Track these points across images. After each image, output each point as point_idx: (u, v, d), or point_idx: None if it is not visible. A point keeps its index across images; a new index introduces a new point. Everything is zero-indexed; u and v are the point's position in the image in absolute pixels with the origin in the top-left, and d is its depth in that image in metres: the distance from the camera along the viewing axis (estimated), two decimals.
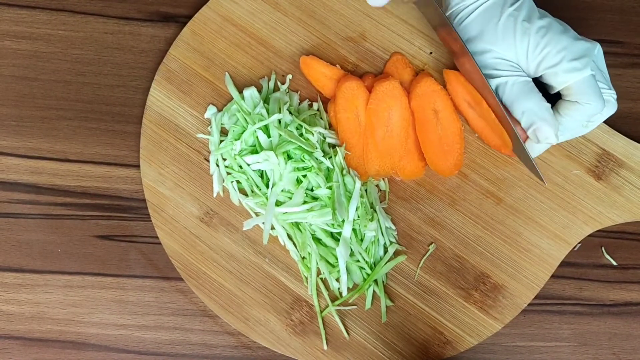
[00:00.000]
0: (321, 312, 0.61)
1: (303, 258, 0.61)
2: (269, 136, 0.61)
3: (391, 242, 0.62)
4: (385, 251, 0.61)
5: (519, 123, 0.58)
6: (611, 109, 0.58)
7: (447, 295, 0.61)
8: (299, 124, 0.61)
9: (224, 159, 0.62)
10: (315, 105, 0.64)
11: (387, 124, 0.61)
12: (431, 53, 0.65)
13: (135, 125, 0.65)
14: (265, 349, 0.62)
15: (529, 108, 0.56)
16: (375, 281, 0.61)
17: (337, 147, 0.62)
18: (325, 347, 0.61)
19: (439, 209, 0.62)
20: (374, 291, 0.61)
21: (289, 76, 0.64)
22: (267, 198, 0.61)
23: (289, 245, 0.61)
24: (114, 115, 0.65)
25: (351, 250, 0.60)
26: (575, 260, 0.63)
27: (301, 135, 0.61)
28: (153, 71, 0.65)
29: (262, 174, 0.62)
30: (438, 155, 0.62)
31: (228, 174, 0.62)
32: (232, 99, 0.64)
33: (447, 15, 0.59)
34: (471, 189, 0.63)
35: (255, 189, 0.61)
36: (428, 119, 0.62)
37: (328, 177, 0.60)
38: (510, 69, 0.57)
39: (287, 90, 0.64)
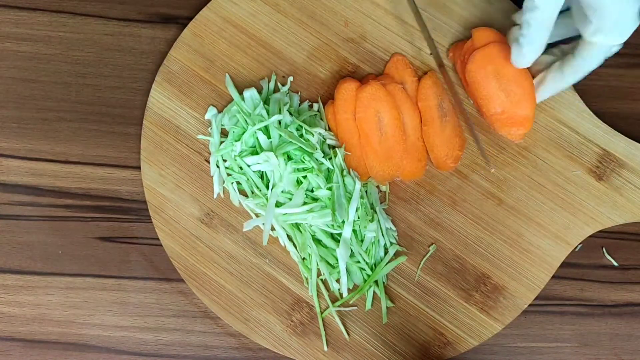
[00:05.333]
0: (321, 313, 0.61)
1: (303, 259, 0.61)
2: (269, 137, 0.61)
3: (391, 243, 0.61)
4: (386, 252, 0.61)
5: None
6: None
7: (447, 296, 0.61)
8: (299, 125, 0.61)
9: (224, 160, 0.62)
10: (315, 107, 0.64)
11: (379, 127, 0.61)
12: (431, 54, 0.64)
13: (136, 126, 0.65)
14: (266, 350, 0.62)
15: None
16: (376, 282, 0.61)
17: (336, 148, 0.62)
18: (325, 348, 0.61)
19: (439, 210, 0.62)
20: (374, 292, 0.61)
21: (290, 78, 0.64)
22: (267, 199, 0.61)
23: (289, 246, 0.61)
24: (114, 116, 0.65)
25: (351, 251, 0.60)
26: (576, 261, 0.63)
27: (301, 136, 0.61)
28: (153, 73, 0.65)
29: (262, 175, 0.62)
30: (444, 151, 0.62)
31: (228, 175, 0.62)
32: (232, 100, 0.64)
33: None
34: (472, 190, 0.63)
35: (255, 190, 0.61)
36: (434, 118, 0.62)
37: (328, 178, 0.60)
38: None
39: (287, 92, 0.64)
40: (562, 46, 0.61)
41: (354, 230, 0.60)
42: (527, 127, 0.62)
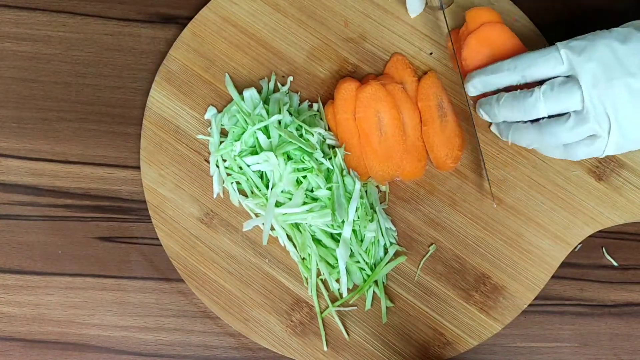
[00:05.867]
0: (321, 313, 0.61)
1: (303, 259, 0.61)
2: (268, 137, 0.61)
3: (391, 243, 0.61)
4: (386, 252, 0.61)
5: None
6: None
7: (447, 296, 0.61)
8: (299, 125, 0.61)
9: (224, 160, 0.62)
10: (315, 106, 0.64)
11: (379, 127, 0.61)
12: (431, 54, 0.64)
13: (136, 126, 0.65)
14: (266, 350, 0.62)
15: None
16: (376, 282, 0.61)
17: (336, 148, 0.61)
18: (325, 348, 0.61)
19: (439, 210, 0.62)
20: (374, 292, 0.61)
21: (290, 78, 0.64)
22: (267, 199, 0.61)
23: (289, 246, 0.61)
24: (114, 116, 0.65)
25: (351, 251, 0.60)
26: (576, 261, 0.63)
27: (301, 136, 0.61)
28: (153, 72, 0.65)
29: (262, 175, 0.62)
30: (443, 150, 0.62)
31: (228, 175, 0.62)
32: (232, 100, 0.64)
33: None
34: (471, 190, 0.63)
35: (255, 189, 0.61)
36: (434, 118, 0.62)
37: (328, 178, 0.60)
38: None
39: (287, 91, 0.64)
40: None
41: (353, 230, 0.60)
42: None
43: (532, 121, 0.57)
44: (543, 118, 0.56)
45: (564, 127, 0.54)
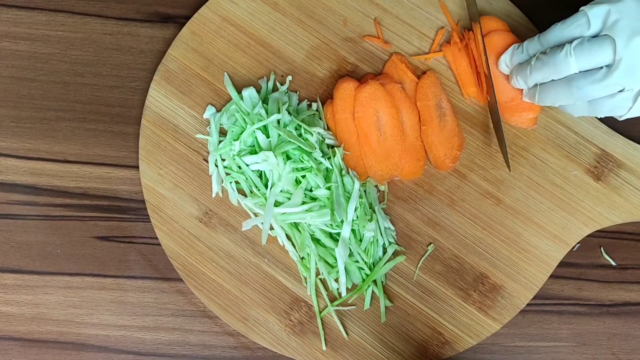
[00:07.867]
0: (320, 312, 0.61)
1: (302, 258, 0.61)
2: (268, 136, 0.61)
3: (390, 243, 0.62)
4: (384, 252, 0.61)
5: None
6: None
7: (446, 296, 0.61)
8: (298, 124, 0.61)
9: (223, 160, 0.62)
10: (314, 106, 0.64)
11: (378, 127, 0.61)
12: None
13: (134, 126, 0.65)
14: (264, 349, 0.62)
15: None
16: (374, 282, 0.61)
17: (335, 148, 0.62)
18: (324, 348, 0.61)
19: (437, 210, 0.63)
20: (372, 292, 0.61)
21: (289, 77, 0.64)
22: (266, 198, 0.61)
23: (288, 246, 0.61)
24: (112, 116, 0.65)
25: (350, 250, 0.60)
26: (574, 261, 0.63)
27: (300, 135, 0.61)
28: (152, 72, 0.65)
29: (261, 175, 0.62)
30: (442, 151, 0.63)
31: (227, 174, 0.62)
32: (231, 99, 0.64)
33: None
34: (470, 190, 0.63)
35: (254, 189, 0.61)
36: (432, 117, 0.62)
37: (327, 178, 0.60)
38: None
39: (286, 91, 0.64)
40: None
41: (352, 230, 0.60)
42: (536, 110, 0.62)
43: None
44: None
45: (593, 79, 0.53)
